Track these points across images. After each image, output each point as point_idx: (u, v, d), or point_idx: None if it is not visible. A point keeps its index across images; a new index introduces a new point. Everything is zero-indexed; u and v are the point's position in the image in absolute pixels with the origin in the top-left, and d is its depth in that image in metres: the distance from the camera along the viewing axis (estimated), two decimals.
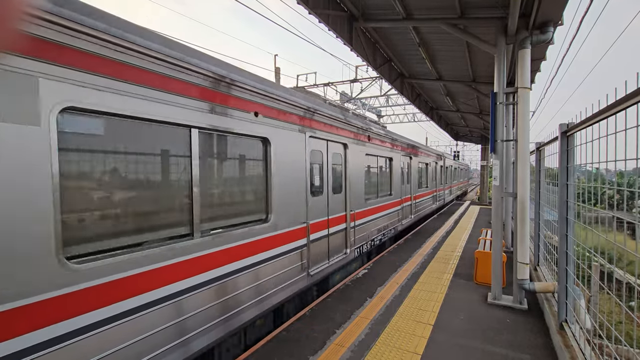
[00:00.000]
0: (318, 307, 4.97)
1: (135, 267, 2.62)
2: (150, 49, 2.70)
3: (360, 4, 6.50)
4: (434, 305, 4.99)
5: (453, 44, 7.46)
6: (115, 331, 2.46)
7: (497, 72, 5.14)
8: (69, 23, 2.19)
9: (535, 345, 3.88)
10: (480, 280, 5.99)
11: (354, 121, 6.75)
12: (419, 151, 12.71)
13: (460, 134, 26.02)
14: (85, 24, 2.28)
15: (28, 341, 2.03)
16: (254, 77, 4.02)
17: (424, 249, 8.67)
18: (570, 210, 3.51)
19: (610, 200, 4.76)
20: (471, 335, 4.10)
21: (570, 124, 3.47)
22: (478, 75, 9.39)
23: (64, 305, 2.19)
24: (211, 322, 3.31)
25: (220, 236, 3.50)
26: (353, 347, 3.82)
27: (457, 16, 5.88)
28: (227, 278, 3.56)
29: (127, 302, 2.55)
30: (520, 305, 4.90)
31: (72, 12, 2.22)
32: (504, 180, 5.15)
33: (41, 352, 2.09)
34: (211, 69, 3.30)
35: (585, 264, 3.14)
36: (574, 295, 3.54)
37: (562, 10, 4.57)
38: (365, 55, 7.94)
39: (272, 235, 4.30)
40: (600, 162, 2.63)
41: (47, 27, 2.11)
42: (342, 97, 18.79)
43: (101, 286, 2.39)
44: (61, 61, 2.20)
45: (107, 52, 2.44)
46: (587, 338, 3.11)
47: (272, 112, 4.29)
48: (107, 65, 2.45)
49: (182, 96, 3.05)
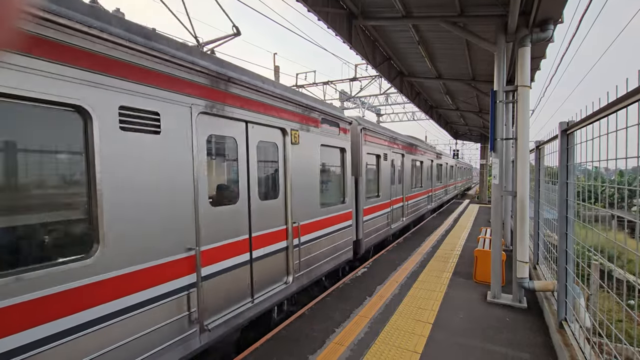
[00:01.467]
0: (317, 306, 4.97)
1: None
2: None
3: (359, 2, 6.47)
4: (433, 304, 4.99)
5: (453, 42, 7.44)
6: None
7: (497, 70, 5.13)
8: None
9: (535, 343, 3.88)
10: (480, 278, 5.99)
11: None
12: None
13: (459, 133, 26.02)
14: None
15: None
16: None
17: (423, 248, 8.67)
18: (570, 209, 3.50)
19: (610, 198, 4.75)
20: (471, 334, 4.10)
21: (570, 122, 3.46)
22: (478, 73, 9.38)
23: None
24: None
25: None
26: (352, 346, 3.81)
27: (456, 14, 5.86)
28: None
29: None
30: (519, 304, 4.90)
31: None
32: (504, 178, 5.14)
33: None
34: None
35: (585, 262, 3.13)
36: (573, 293, 3.54)
37: (562, 8, 4.55)
38: (365, 54, 7.91)
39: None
40: (600, 160, 2.62)
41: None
42: (341, 96, 18.77)
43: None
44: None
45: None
46: (586, 337, 3.10)
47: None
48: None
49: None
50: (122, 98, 2.63)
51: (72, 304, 2.30)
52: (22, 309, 2.08)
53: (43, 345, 2.16)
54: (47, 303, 2.18)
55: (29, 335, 2.10)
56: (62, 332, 2.25)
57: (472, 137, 27.05)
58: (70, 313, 2.29)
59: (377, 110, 23.58)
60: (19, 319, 2.07)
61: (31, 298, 2.11)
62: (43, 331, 2.16)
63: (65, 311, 2.27)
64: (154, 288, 2.85)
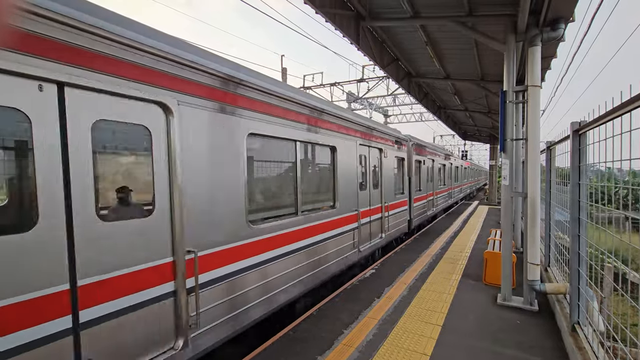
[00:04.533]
0: (326, 306, 4.97)
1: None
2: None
3: (367, 3, 6.47)
4: (442, 306, 4.95)
5: (461, 42, 7.38)
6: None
7: (507, 70, 5.08)
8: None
9: (546, 347, 3.82)
10: (490, 281, 5.92)
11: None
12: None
13: (468, 133, 25.77)
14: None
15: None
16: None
17: (432, 249, 8.60)
18: (582, 211, 3.44)
19: (624, 200, 4.66)
20: (480, 337, 4.06)
21: (582, 122, 3.41)
22: (487, 73, 9.28)
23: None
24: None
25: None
26: (361, 348, 3.81)
27: (465, 14, 5.82)
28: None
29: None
30: (530, 307, 4.83)
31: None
32: (514, 179, 5.08)
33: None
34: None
35: (598, 264, 3.08)
36: (586, 296, 3.48)
37: (573, 7, 4.48)
38: (372, 55, 7.90)
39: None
40: (614, 160, 2.58)
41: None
42: (348, 97, 18.75)
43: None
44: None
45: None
46: (600, 340, 3.05)
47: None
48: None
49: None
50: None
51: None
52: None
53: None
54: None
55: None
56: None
57: (481, 138, 26.74)
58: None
59: (384, 111, 23.49)
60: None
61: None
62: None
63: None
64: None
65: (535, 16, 4.75)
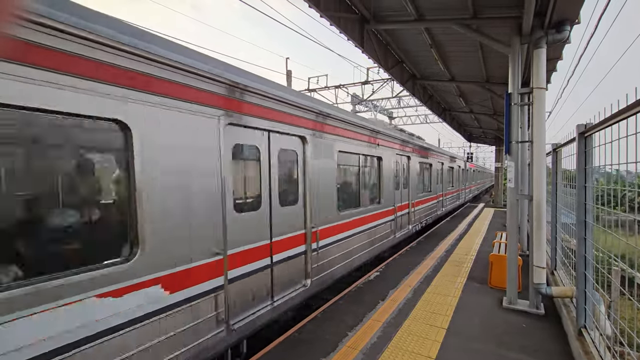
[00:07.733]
0: (330, 309, 4.98)
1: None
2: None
3: (371, 6, 6.50)
4: (447, 309, 4.93)
5: (466, 45, 7.38)
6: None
7: (512, 72, 5.06)
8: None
9: (552, 350, 3.79)
10: (495, 284, 5.88)
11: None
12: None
13: (473, 135, 25.63)
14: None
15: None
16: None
17: (436, 252, 8.56)
18: (589, 213, 3.42)
19: (632, 203, 4.61)
20: (486, 340, 4.03)
21: (588, 125, 3.39)
22: (492, 75, 9.25)
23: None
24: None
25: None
26: (365, 350, 3.81)
27: (469, 16, 5.82)
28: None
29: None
30: (536, 310, 4.79)
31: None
32: (520, 182, 5.06)
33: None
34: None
35: (605, 268, 3.05)
36: (593, 300, 3.44)
37: (579, 9, 4.46)
38: (377, 57, 7.92)
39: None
40: (621, 163, 2.56)
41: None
42: (353, 99, 18.77)
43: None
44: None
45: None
46: (607, 345, 3.02)
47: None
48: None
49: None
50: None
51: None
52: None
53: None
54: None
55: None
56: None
57: (487, 140, 26.59)
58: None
59: (389, 113, 23.46)
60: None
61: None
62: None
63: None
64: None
65: (540, 18, 4.74)
